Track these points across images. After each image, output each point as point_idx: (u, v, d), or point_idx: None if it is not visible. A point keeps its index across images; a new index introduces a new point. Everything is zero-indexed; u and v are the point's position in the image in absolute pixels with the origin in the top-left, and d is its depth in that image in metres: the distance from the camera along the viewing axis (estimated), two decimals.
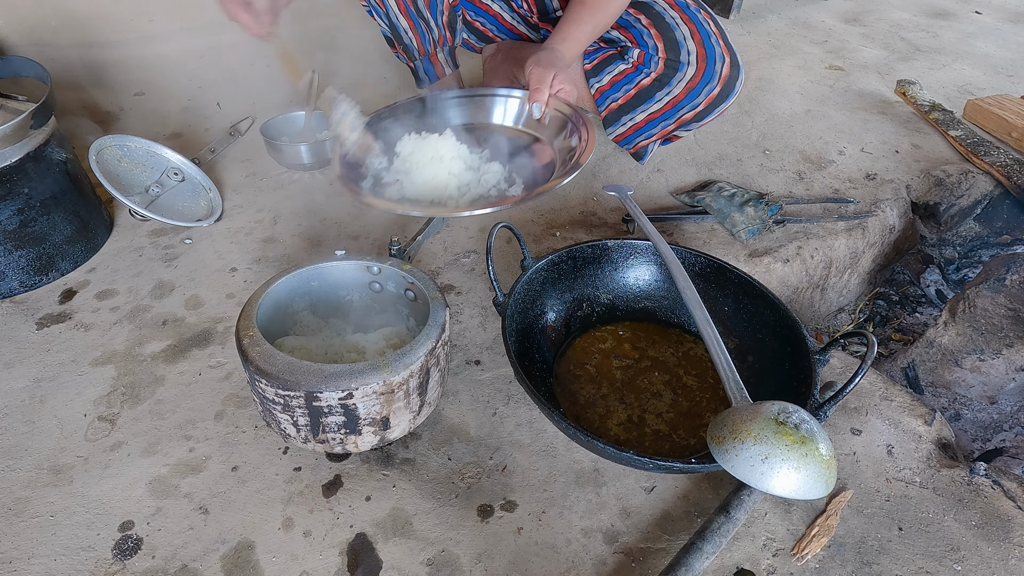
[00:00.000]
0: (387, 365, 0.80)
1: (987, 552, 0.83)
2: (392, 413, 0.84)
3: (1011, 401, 1.16)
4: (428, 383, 0.87)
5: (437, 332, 0.85)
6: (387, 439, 0.87)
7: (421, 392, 0.86)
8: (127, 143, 1.32)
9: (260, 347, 0.82)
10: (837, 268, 1.38)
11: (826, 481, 0.69)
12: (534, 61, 1.22)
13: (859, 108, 1.83)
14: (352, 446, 0.85)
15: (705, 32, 1.32)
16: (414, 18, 1.41)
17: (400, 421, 0.86)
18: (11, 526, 0.83)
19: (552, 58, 1.22)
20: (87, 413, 0.97)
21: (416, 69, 1.51)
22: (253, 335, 0.83)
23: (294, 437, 0.85)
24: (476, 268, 1.24)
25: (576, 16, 1.27)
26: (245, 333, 0.84)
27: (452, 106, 1.37)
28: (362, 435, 0.84)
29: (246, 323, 0.85)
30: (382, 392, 0.81)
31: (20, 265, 1.15)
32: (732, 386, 0.81)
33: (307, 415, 0.81)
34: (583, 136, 1.18)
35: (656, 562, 0.81)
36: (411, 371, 0.82)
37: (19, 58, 1.23)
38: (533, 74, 1.21)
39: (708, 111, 1.37)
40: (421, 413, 0.89)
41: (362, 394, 0.80)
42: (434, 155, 1.18)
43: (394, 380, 0.81)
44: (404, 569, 0.80)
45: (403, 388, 0.83)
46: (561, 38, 1.26)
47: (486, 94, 1.36)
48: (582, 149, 1.15)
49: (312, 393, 0.78)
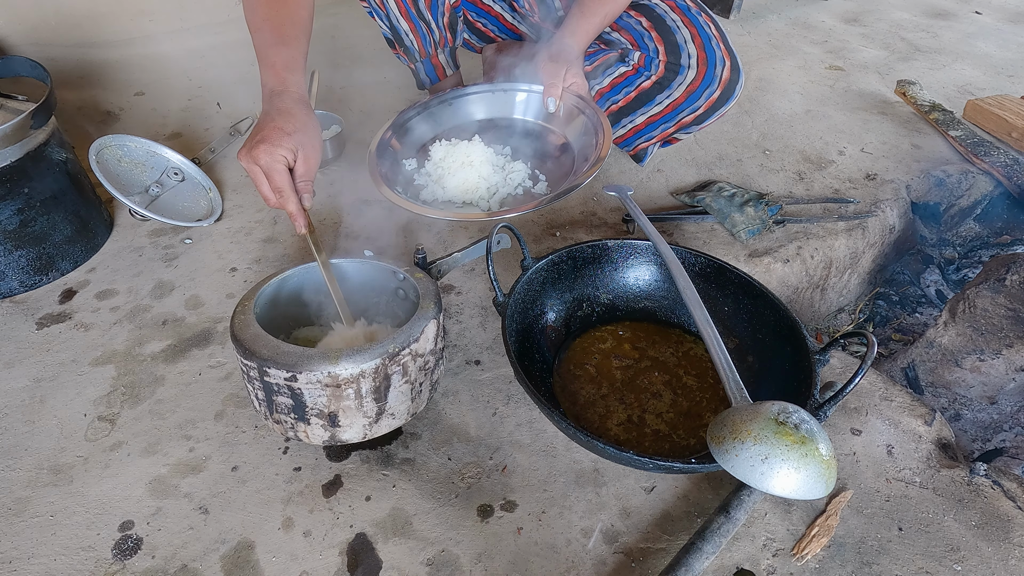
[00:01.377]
0: (336, 358, 0.78)
1: (987, 552, 0.83)
2: (341, 411, 0.82)
3: (1011, 401, 1.16)
4: (388, 390, 0.83)
5: (404, 339, 0.82)
6: (339, 438, 0.85)
7: (377, 398, 0.83)
8: (127, 143, 1.32)
9: (244, 316, 0.84)
10: (837, 268, 1.38)
11: (826, 481, 0.69)
12: (546, 56, 1.25)
13: (859, 108, 1.83)
14: (303, 435, 0.84)
15: (706, 35, 1.32)
16: (415, 20, 1.41)
17: (352, 422, 0.83)
18: (11, 526, 0.83)
19: (564, 52, 1.25)
20: (87, 413, 0.97)
21: (417, 70, 1.51)
22: (247, 306, 0.86)
23: (258, 412, 0.86)
24: (476, 268, 1.24)
25: (586, 9, 1.30)
26: (242, 304, 0.86)
27: (471, 102, 1.40)
28: (311, 425, 0.83)
29: (248, 296, 0.88)
30: (327, 384, 0.79)
31: (20, 265, 1.15)
32: (732, 386, 0.81)
33: (263, 390, 0.81)
34: (600, 129, 1.21)
35: (656, 562, 0.81)
36: (362, 370, 0.79)
37: (19, 58, 1.23)
38: (546, 70, 1.24)
39: (708, 114, 1.37)
40: (380, 422, 0.85)
41: (306, 380, 0.78)
42: (464, 160, 1.23)
43: (340, 375, 0.78)
44: (404, 569, 0.80)
45: (352, 386, 0.80)
46: (571, 31, 1.29)
47: (504, 89, 1.39)
48: (600, 142, 1.18)
49: (263, 368, 0.79)
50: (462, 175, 1.22)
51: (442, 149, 1.27)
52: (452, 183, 1.22)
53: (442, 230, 1.33)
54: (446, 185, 1.22)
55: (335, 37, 2.12)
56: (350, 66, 1.97)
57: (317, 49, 1.99)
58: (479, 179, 1.22)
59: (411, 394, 0.87)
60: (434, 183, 1.24)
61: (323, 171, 1.49)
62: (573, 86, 1.26)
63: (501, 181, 1.24)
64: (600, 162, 1.14)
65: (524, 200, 1.22)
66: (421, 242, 1.27)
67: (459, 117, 1.39)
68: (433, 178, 1.25)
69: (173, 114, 1.72)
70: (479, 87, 1.40)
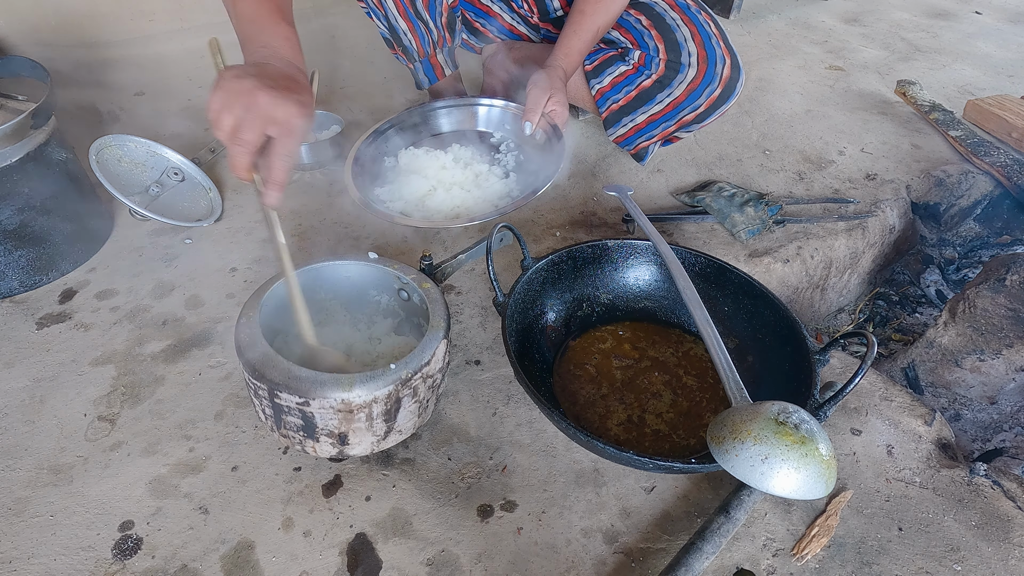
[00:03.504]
0: (350, 385, 0.77)
1: (987, 552, 0.83)
2: (352, 432, 0.82)
3: (1011, 401, 1.16)
4: (398, 411, 0.83)
5: (416, 364, 0.82)
6: (347, 453, 0.85)
7: (388, 419, 0.83)
8: (127, 143, 1.32)
9: (249, 330, 0.83)
10: (837, 268, 1.38)
11: (826, 481, 0.69)
12: (533, 82, 1.28)
13: (859, 108, 1.83)
14: (311, 450, 0.84)
15: (706, 34, 1.32)
16: (413, 19, 1.41)
17: (361, 440, 0.83)
18: (11, 526, 0.83)
19: (551, 79, 1.28)
20: (87, 413, 0.97)
21: (415, 70, 1.51)
22: (251, 317, 0.85)
23: (264, 423, 0.86)
24: (476, 268, 1.24)
25: (577, 27, 1.31)
26: (245, 315, 0.85)
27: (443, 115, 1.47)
28: (320, 443, 0.83)
29: (250, 306, 0.87)
30: (340, 409, 0.78)
31: (20, 265, 1.15)
32: (732, 386, 0.81)
33: (272, 408, 0.81)
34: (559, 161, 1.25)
35: (656, 562, 0.81)
36: (375, 396, 0.79)
37: (19, 58, 1.23)
38: (531, 95, 1.27)
39: (709, 112, 1.37)
40: (388, 439, 0.85)
41: (319, 406, 0.78)
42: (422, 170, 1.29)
43: (354, 402, 0.78)
44: (404, 569, 0.80)
45: (365, 411, 0.80)
46: (564, 52, 1.32)
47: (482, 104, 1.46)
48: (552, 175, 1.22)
49: (274, 391, 0.78)
50: (417, 184, 1.27)
51: (407, 155, 1.33)
52: (407, 190, 1.27)
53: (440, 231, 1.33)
54: (402, 191, 1.27)
55: (335, 37, 2.12)
56: (350, 66, 1.97)
57: (317, 49, 1.99)
58: (430, 190, 1.26)
59: (419, 411, 0.87)
60: (396, 185, 1.29)
61: (323, 171, 1.49)
62: (552, 113, 1.28)
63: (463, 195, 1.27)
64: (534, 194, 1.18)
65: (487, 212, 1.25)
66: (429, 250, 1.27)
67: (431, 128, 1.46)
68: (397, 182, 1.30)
69: (173, 114, 1.72)
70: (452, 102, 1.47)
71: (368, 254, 0.97)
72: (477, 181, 1.30)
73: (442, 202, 1.25)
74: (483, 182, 1.30)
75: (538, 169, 1.29)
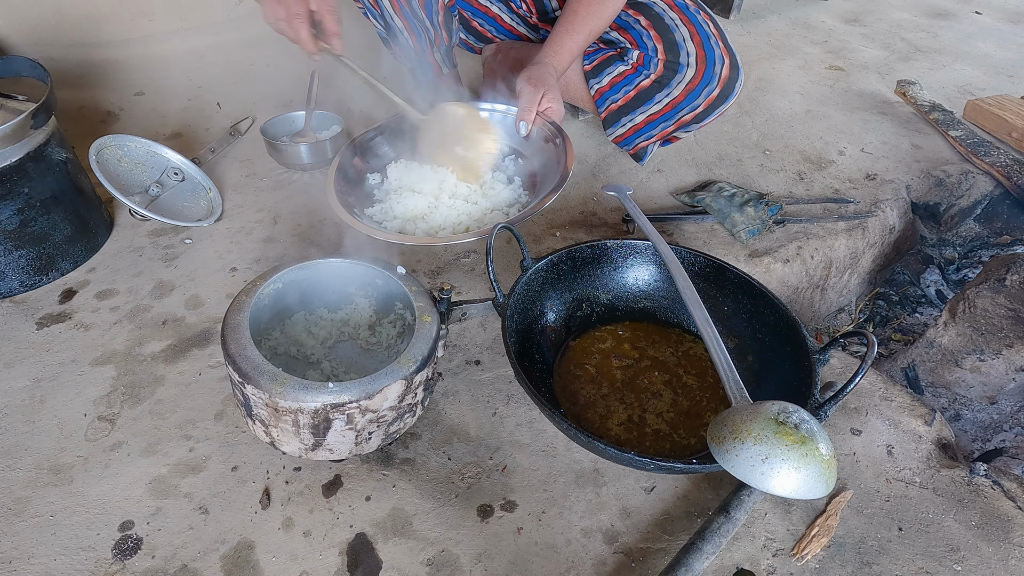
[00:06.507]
0: (281, 387, 0.78)
1: (987, 552, 0.83)
2: (279, 430, 0.82)
3: (1011, 401, 1.16)
4: (327, 430, 0.81)
5: (356, 393, 0.79)
6: (279, 449, 0.85)
7: (316, 434, 0.81)
8: (127, 143, 1.32)
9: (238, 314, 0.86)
10: (837, 268, 1.38)
11: (826, 481, 0.69)
12: (524, 79, 1.24)
13: (859, 108, 1.83)
14: (251, 430, 0.86)
15: (704, 33, 1.32)
16: (409, 18, 1.41)
17: (287, 441, 0.83)
18: (11, 526, 0.83)
19: (543, 75, 1.24)
20: (87, 413, 0.97)
21: (413, 69, 1.51)
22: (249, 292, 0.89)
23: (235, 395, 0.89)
24: (476, 268, 1.24)
25: (569, 26, 1.29)
26: (238, 298, 0.89)
27: None
28: (256, 426, 0.84)
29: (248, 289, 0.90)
30: (266, 404, 0.79)
31: (20, 265, 1.15)
32: (732, 386, 0.81)
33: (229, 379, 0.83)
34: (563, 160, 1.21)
35: (656, 562, 0.81)
36: (301, 407, 0.78)
37: (19, 58, 1.23)
38: (523, 93, 1.23)
39: (708, 112, 1.37)
40: (317, 452, 0.84)
41: (251, 390, 0.79)
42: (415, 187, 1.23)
43: (280, 403, 0.78)
44: (404, 569, 0.80)
45: (291, 417, 0.79)
46: (554, 51, 1.28)
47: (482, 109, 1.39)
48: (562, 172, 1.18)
49: (228, 361, 0.82)
50: (410, 201, 1.20)
51: (398, 169, 1.27)
52: (400, 208, 1.20)
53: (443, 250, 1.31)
54: (395, 208, 1.21)
55: None
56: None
57: None
58: (427, 207, 1.20)
59: (355, 439, 0.84)
60: (387, 203, 1.23)
61: (323, 171, 1.49)
62: (548, 111, 1.25)
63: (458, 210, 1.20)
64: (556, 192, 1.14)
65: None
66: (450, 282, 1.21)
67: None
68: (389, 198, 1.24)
69: (173, 114, 1.72)
70: None
71: (397, 268, 0.96)
72: (483, 191, 1.24)
73: (446, 217, 1.19)
74: (489, 191, 1.24)
75: (542, 170, 1.27)
